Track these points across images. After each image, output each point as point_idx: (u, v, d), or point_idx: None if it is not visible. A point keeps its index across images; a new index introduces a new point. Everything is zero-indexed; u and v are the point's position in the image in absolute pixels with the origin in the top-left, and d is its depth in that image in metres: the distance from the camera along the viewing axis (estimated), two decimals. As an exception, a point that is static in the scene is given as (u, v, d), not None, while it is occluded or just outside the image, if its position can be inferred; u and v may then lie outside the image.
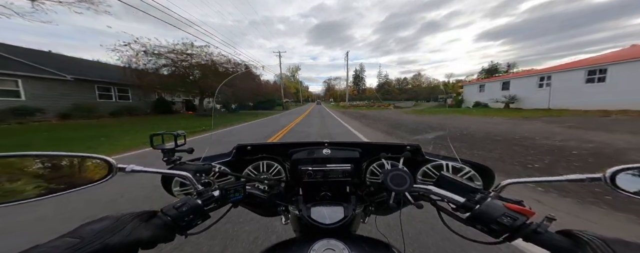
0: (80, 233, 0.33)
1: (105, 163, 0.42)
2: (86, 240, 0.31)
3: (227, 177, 0.69)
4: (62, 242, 0.31)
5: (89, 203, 2.54)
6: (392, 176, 0.52)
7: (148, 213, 0.41)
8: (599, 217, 2.16)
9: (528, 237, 0.40)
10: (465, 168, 0.65)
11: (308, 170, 0.65)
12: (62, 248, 0.29)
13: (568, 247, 0.36)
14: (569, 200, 2.49)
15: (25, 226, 2.08)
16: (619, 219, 2.11)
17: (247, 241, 1.78)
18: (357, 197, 0.68)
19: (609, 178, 0.40)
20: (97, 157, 0.42)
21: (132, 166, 0.45)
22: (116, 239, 0.33)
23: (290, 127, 10.45)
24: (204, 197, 0.49)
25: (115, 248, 0.33)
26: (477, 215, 0.45)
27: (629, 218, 2.10)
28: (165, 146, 0.60)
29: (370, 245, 0.54)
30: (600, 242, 0.32)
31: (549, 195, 2.63)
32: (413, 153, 0.70)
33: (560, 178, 0.44)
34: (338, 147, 0.73)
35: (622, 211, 2.20)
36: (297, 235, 0.69)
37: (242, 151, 0.77)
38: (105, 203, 2.55)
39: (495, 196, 0.48)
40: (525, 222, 0.41)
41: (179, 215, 0.43)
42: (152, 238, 0.38)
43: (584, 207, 2.35)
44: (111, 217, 0.37)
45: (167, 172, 0.54)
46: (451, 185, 0.54)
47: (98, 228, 0.34)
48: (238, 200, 0.55)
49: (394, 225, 0.60)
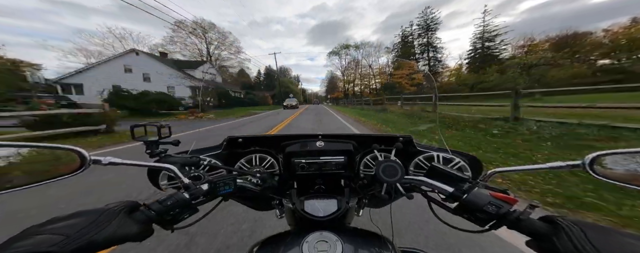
0: (60, 228, 0.30)
1: (76, 154, 0.39)
2: (72, 237, 0.30)
3: (218, 170, 0.68)
4: (44, 238, 0.28)
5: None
6: (384, 167, 0.52)
7: (130, 205, 0.40)
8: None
9: (511, 224, 0.42)
10: (456, 159, 0.66)
11: (302, 162, 0.65)
12: (47, 246, 0.27)
13: (547, 233, 0.37)
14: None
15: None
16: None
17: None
18: (351, 189, 0.67)
19: (587, 165, 0.42)
20: (68, 148, 0.39)
21: (110, 158, 0.43)
22: (100, 236, 0.32)
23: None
24: (191, 190, 0.47)
25: (98, 244, 0.31)
26: (465, 205, 0.46)
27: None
28: (148, 138, 0.57)
29: (362, 236, 0.55)
30: (576, 227, 0.34)
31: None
32: (405, 144, 0.71)
33: (543, 166, 0.46)
34: (332, 140, 0.72)
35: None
36: (291, 229, 0.68)
37: (233, 143, 0.75)
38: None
39: (482, 185, 0.50)
40: (509, 209, 0.42)
41: (163, 209, 0.42)
42: (135, 232, 0.36)
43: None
44: (88, 212, 0.35)
45: (149, 165, 0.51)
46: (442, 176, 0.55)
47: (80, 224, 0.32)
48: (228, 193, 0.54)
49: (387, 217, 0.60)
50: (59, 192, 2.62)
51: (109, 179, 3.03)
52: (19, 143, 0.37)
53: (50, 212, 2.22)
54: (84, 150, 0.39)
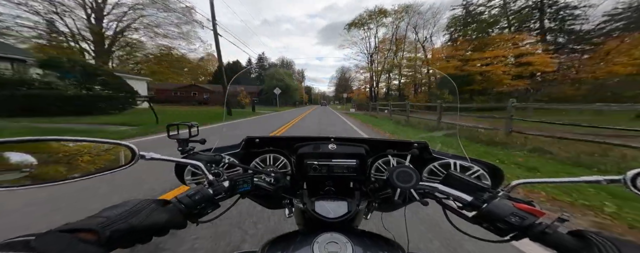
0: (105, 214, 0.36)
1: (129, 150, 0.45)
2: (111, 219, 0.35)
3: (235, 168, 0.71)
4: (91, 219, 0.34)
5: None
6: (398, 173, 0.53)
7: (162, 201, 0.44)
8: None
9: (536, 237, 0.40)
10: (474, 167, 0.65)
11: (313, 164, 0.67)
12: (93, 225, 0.33)
13: (576, 248, 0.36)
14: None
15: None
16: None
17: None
18: (361, 192, 0.69)
19: (629, 180, 0.38)
20: (123, 143, 0.45)
21: (152, 154, 0.47)
22: (136, 221, 0.37)
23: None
24: (214, 187, 0.51)
25: (136, 229, 0.36)
26: (485, 214, 0.45)
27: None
28: (180, 136, 0.63)
29: (372, 240, 0.55)
30: (609, 244, 0.32)
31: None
32: (420, 150, 0.70)
33: (576, 180, 0.42)
34: (344, 143, 0.74)
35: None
36: (300, 228, 0.71)
37: (250, 143, 0.78)
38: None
39: (504, 196, 0.49)
40: (535, 222, 0.41)
41: (192, 203, 0.45)
42: (167, 223, 0.40)
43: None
44: (131, 202, 0.40)
45: (181, 161, 0.56)
46: (458, 184, 0.54)
47: (120, 211, 0.37)
48: (246, 191, 0.57)
49: (397, 222, 0.63)
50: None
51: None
52: (78, 138, 0.42)
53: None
54: (135, 146, 0.45)
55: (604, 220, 2.21)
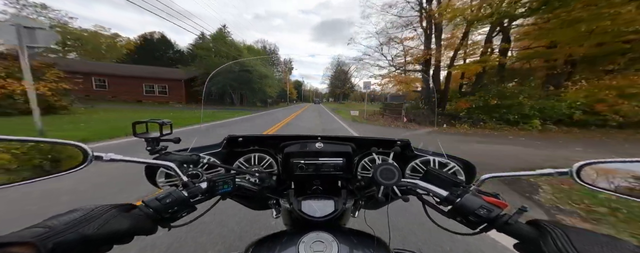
0: (48, 223, 0.31)
1: (79, 150, 0.39)
2: (55, 229, 0.30)
3: (216, 168, 0.68)
4: (28, 231, 0.29)
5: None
6: (382, 170, 0.53)
7: (126, 205, 0.40)
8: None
9: (501, 228, 0.43)
10: (451, 163, 0.68)
11: (300, 163, 0.66)
12: (28, 237, 0.27)
13: (534, 236, 0.39)
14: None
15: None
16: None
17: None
18: (348, 191, 0.68)
19: (575, 173, 0.43)
20: (70, 143, 0.39)
21: (111, 155, 0.43)
22: (90, 229, 0.32)
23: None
24: (190, 188, 0.48)
25: (90, 239, 0.32)
26: (458, 208, 0.48)
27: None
28: (150, 135, 0.57)
29: (358, 237, 0.55)
30: (560, 231, 0.36)
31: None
32: (403, 148, 0.72)
33: (533, 173, 0.46)
34: (330, 141, 0.73)
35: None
36: (287, 229, 0.69)
37: (232, 142, 0.75)
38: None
39: (475, 190, 0.51)
40: (499, 213, 0.44)
41: (162, 207, 0.42)
42: (131, 229, 0.37)
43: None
44: (83, 209, 0.35)
45: (149, 162, 0.52)
46: (437, 180, 0.57)
47: (68, 219, 0.32)
48: (227, 192, 0.54)
49: (383, 219, 0.61)
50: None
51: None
52: (21, 138, 0.37)
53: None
54: (86, 145, 0.39)
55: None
